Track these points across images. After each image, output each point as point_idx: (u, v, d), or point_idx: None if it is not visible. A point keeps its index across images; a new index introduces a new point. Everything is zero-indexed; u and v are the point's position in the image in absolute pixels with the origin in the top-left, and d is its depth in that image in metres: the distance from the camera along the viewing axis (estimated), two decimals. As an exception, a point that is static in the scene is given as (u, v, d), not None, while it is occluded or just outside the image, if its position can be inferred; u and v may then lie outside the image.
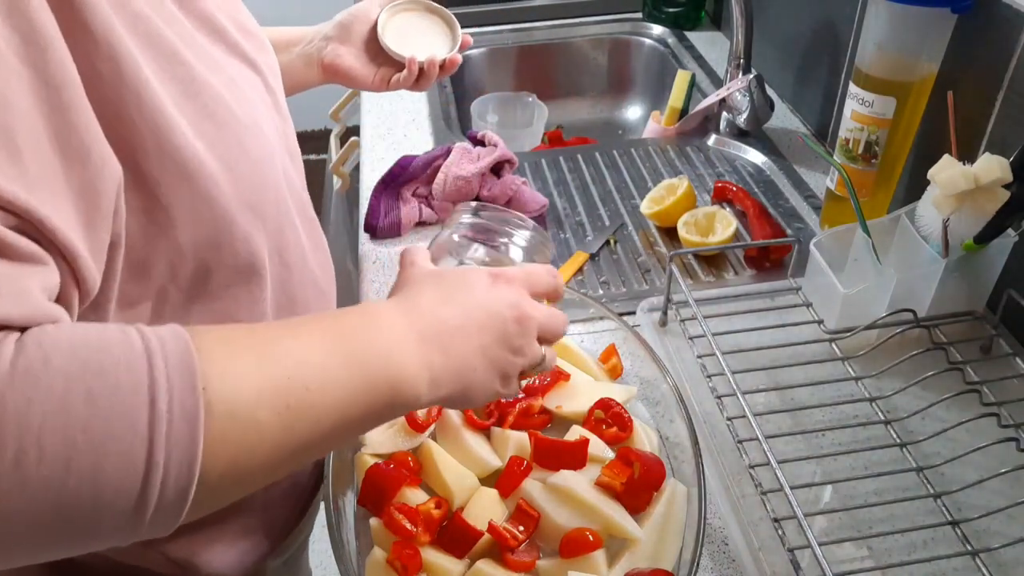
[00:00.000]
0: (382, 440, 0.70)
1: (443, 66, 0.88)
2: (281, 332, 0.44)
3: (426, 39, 0.89)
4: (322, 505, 0.82)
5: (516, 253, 0.63)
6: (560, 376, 0.73)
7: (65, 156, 0.40)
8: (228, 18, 0.58)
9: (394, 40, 0.86)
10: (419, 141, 1.22)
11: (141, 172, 0.45)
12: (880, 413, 0.73)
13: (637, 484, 0.65)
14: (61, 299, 0.40)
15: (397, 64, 0.87)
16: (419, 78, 0.87)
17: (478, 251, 0.62)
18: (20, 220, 0.37)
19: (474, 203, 0.65)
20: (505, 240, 0.62)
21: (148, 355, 0.37)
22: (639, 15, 1.54)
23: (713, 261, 0.98)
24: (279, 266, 0.61)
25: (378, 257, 0.98)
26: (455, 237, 0.63)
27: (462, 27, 1.33)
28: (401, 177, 1.05)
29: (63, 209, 0.39)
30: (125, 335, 0.37)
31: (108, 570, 0.61)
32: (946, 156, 0.73)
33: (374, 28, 0.86)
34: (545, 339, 0.54)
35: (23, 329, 0.36)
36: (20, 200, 0.36)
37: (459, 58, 0.89)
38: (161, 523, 0.37)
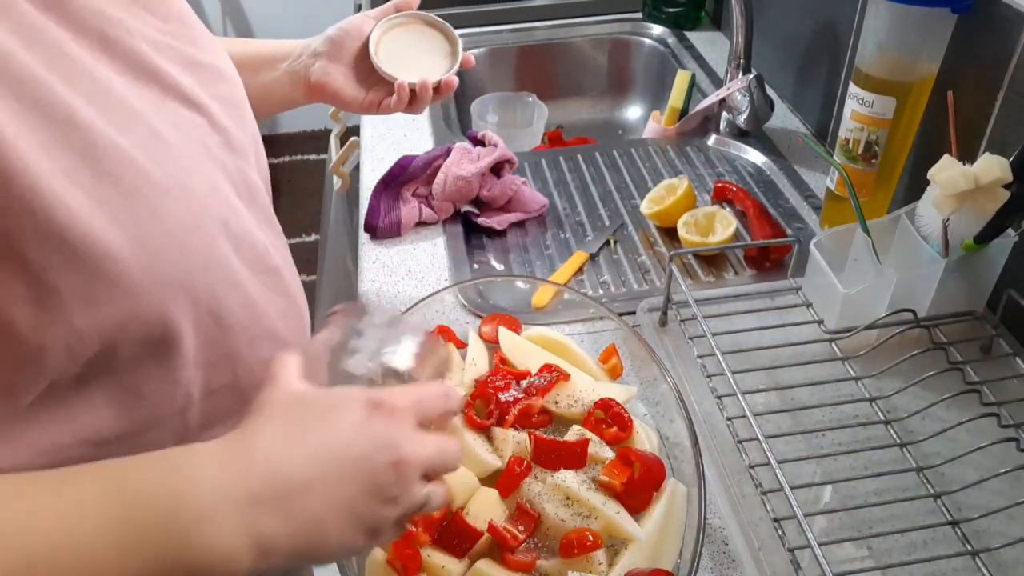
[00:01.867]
0: (382, 440, 0.70)
1: (438, 88, 0.80)
2: (51, 497, 0.37)
3: (423, 57, 0.81)
4: None
5: (406, 363, 0.53)
6: (560, 376, 0.73)
7: None
8: (169, 54, 0.54)
9: (387, 59, 0.79)
10: (419, 141, 1.22)
11: (22, 258, 0.41)
12: (880, 413, 0.73)
13: (637, 484, 0.65)
14: None
15: (390, 85, 0.79)
16: (411, 101, 0.79)
17: (364, 359, 0.52)
18: None
19: (362, 303, 0.57)
20: (392, 348, 0.53)
21: None
22: (639, 15, 1.54)
23: (713, 261, 0.98)
24: (213, 330, 0.54)
25: (378, 257, 0.98)
26: (340, 341, 0.54)
27: (463, 27, 1.32)
28: (401, 177, 1.05)
29: None
30: None
31: None
32: (946, 156, 0.73)
33: (366, 44, 0.78)
34: (432, 476, 0.48)
35: None
36: None
37: (455, 80, 0.81)
38: None
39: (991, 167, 0.70)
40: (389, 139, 1.23)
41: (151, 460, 0.42)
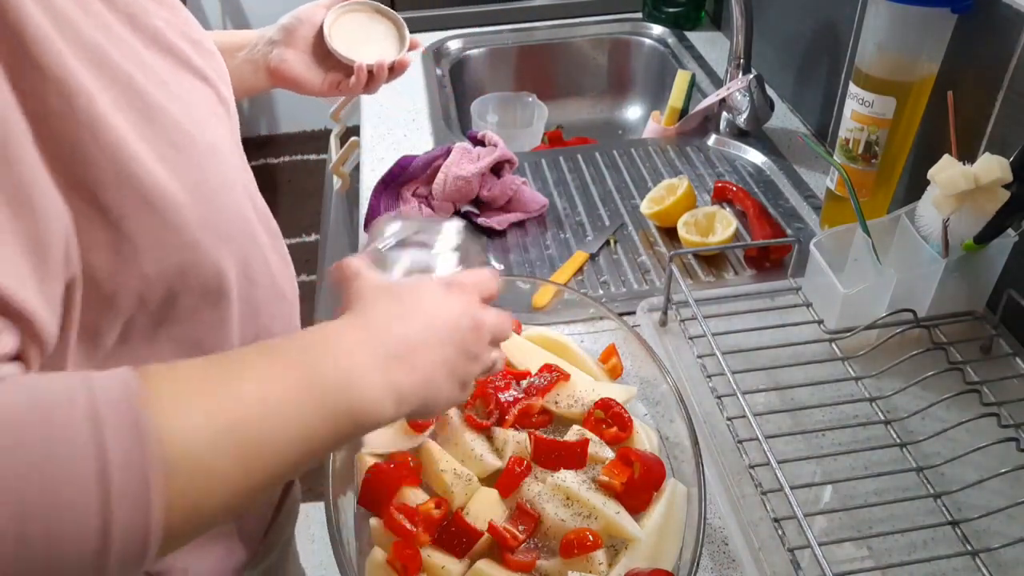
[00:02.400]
0: (382, 440, 0.70)
1: (392, 68, 0.86)
2: (236, 369, 0.43)
3: (374, 41, 0.87)
4: (302, 509, 0.82)
5: (449, 258, 0.61)
6: (560, 376, 0.73)
7: (12, 212, 0.39)
8: (176, 31, 0.57)
9: (341, 43, 0.84)
10: (419, 141, 1.22)
11: (102, 206, 0.44)
12: (880, 413, 0.73)
13: (637, 484, 0.65)
14: (21, 356, 0.40)
15: (345, 68, 0.85)
16: (368, 82, 0.85)
17: (412, 259, 0.60)
18: None
19: (394, 213, 0.64)
20: (436, 243, 0.61)
21: (94, 420, 0.35)
22: (639, 15, 1.54)
23: (713, 261, 0.98)
24: (245, 284, 0.59)
25: (378, 257, 0.98)
26: (384, 249, 0.61)
27: (463, 27, 1.33)
28: (401, 177, 1.05)
29: (14, 268, 0.39)
30: (69, 400, 0.35)
31: None
32: (946, 156, 0.73)
33: (320, 31, 0.83)
34: (495, 342, 0.55)
35: None
36: None
37: (408, 60, 0.87)
38: (125, 575, 0.36)
39: (991, 167, 0.70)
40: (389, 139, 1.23)
41: (298, 335, 0.48)
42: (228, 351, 0.46)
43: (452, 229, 0.62)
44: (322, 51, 0.84)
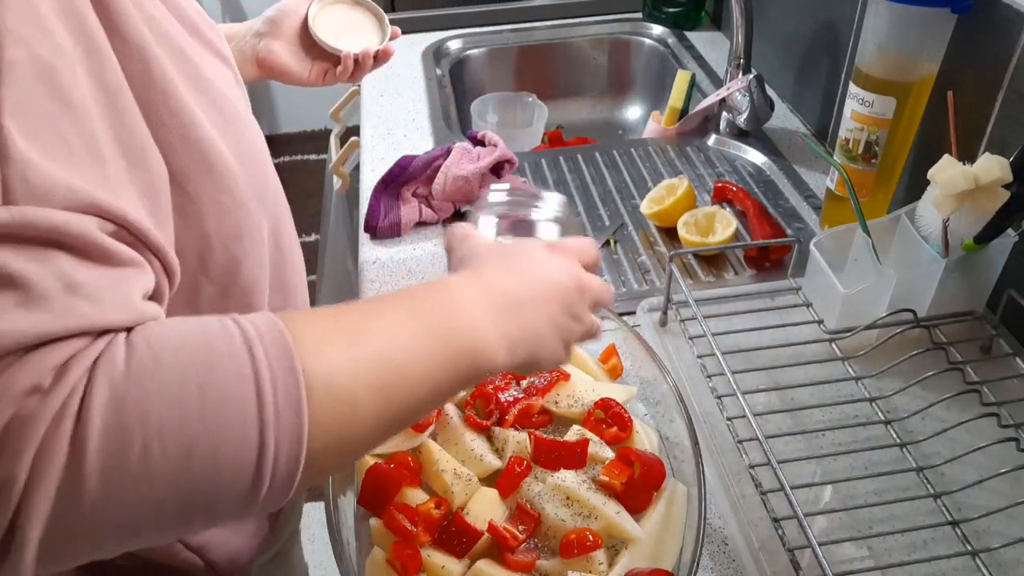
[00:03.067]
0: (382, 440, 0.70)
1: (377, 56, 0.90)
2: (366, 314, 0.46)
3: (357, 31, 0.91)
4: (320, 504, 0.82)
5: (550, 228, 0.64)
6: (560, 376, 0.73)
7: (129, 160, 0.42)
8: (198, 15, 0.59)
9: (326, 33, 0.87)
10: (419, 141, 1.22)
11: (172, 169, 0.47)
12: (880, 413, 0.73)
13: (637, 484, 0.65)
14: (156, 295, 0.43)
15: (331, 57, 0.88)
16: (355, 70, 0.89)
17: (515, 226, 0.64)
18: (116, 226, 0.39)
19: (501, 184, 0.67)
20: (538, 213, 0.64)
21: (248, 344, 0.38)
22: (639, 15, 1.54)
23: (713, 261, 0.98)
24: (275, 252, 0.63)
25: (378, 257, 0.98)
26: (489, 216, 0.64)
27: (463, 27, 1.33)
28: (401, 177, 1.05)
29: (140, 211, 0.42)
30: (224, 328, 0.39)
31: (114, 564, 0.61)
32: (946, 156, 0.73)
33: (305, 23, 0.86)
34: (595, 306, 0.57)
35: (129, 330, 0.38)
36: (115, 207, 0.39)
37: (392, 48, 0.91)
38: (274, 498, 0.39)
39: (991, 167, 0.70)
40: (389, 139, 1.23)
41: (425, 288, 0.50)
42: (356, 301, 0.49)
43: (554, 201, 0.64)
44: (308, 42, 0.87)
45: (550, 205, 0.65)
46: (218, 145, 0.50)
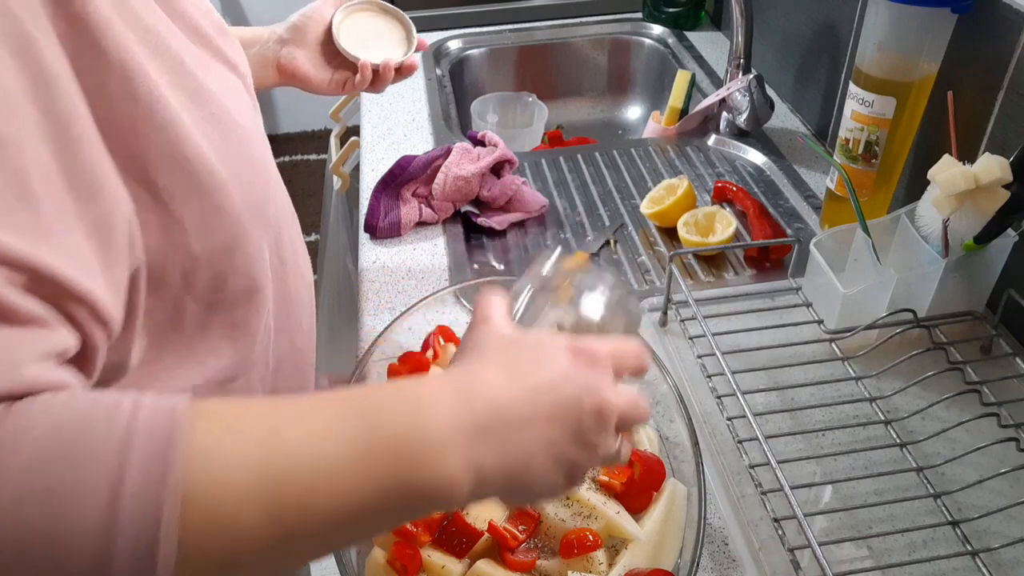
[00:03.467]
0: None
1: (399, 69, 0.87)
2: (296, 415, 0.39)
3: (382, 41, 0.88)
4: None
5: (598, 313, 0.52)
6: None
7: (78, 195, 0.39)
8: (208, 22, 0.58)
9: (349, 42, 0.84)
10: (419, 141, 1.22)
11: (155, 187, 0.45)
12: (880, 413, 0.73)
13: (637, 484, 0.65)
14: (84, 352, 0.40)
15: (352, 67, 0.86)
16: (374, 81, 0.86)
17: (560, 309, 0.52)
18: (29, 278, 0.36)
19: (556, 254, 0.54)
20: (587, 298, 0.52)
21: (124, 448, 0.34)
22: (639, 15, 1.54)
23: (713, 261, 0.98)
24: (278, 266, 0.61)
25: (378, 257, 0.98)
26: (538, 291, 0.53)
27: (463, 27, 1.33)
28: (401, 177, 1.05)
29: (79, 251, 0.39)
30: (109, 422, 0.35)
31: None
32: (946, 156, 0.73)
33: (329, 30, 0.84)
34: (622, 428, 0.46)
35: (16, 399, 0.35)
36: (30, 257, 0.36)
37: (416, 62, 0.88)
38: None
39: (991, 167, 0.70)
40: (389, 139, 1.23)
41: (388, 387, 0.44)
42: (300, 397, 0.42)
43: (607, 293, 0.53)
44: (330, 50, 0.85)
45: (597, 296, 0.53)
46: (208, 160, 0.48)
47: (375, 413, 0.40)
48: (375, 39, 0.87)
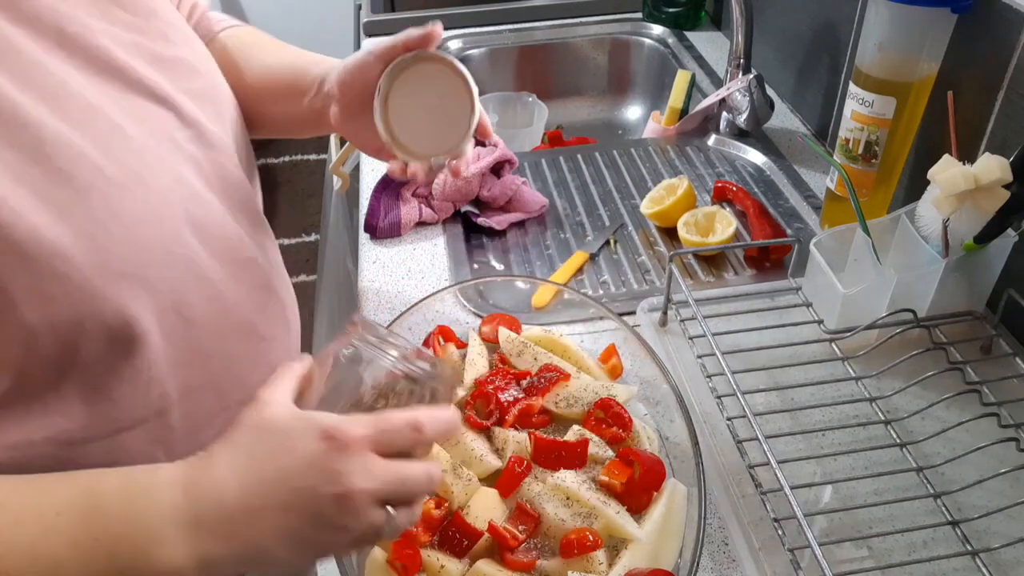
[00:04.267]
0: (382, 440, 0.70)
1: (453, 168, 0.68)
2: (25, 510, 0.42)
3: (435, 116, 0.66)
4: None
5: (403, 373, 0.52)
6: (560, 376, 0.73)
7: None
8: (135, 50, 0.54)
9: (397, 119, 0.65)
10: (419, 141, 1.22)
11: None
12: (880, 413, 0.73)
13: (637, 484, 0.65)
14: None
15: None
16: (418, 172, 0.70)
17: (362, 371, 0.51)
18: None
19: (366, 321, 0.53)
20: (393, 363, 0.51)
21: None
22: (639, 15, 1.54)
23: (713, 261, 0.98)
24: (178, 325, 0.54)
25: (378, 257, 0.98)
26: (344, 353, 0.52)
27: (463, 27, 1.31)
28: (401, 177, 1.05)
29: None
30: None
31: None
32: (946, 156, 0.73)
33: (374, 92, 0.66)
34: (397, 502, 0.47)
35: None
36: None
37: (462, 167, 0.67)
38: None
39: (991, 167, 0.70)
40: (389, 139, 1.23)
41: (122, 477, 0.46)
42: (49, 478, 0.45)
43: (410, 358, 0.52)
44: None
45: (397, 359, 0.52)
46: (37, 229, 0.43)
47: (103, 510, 0.43)
48: (428, 111, 0.66)
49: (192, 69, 0.60)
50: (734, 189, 1.07)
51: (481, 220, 1.04)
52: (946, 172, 0.72)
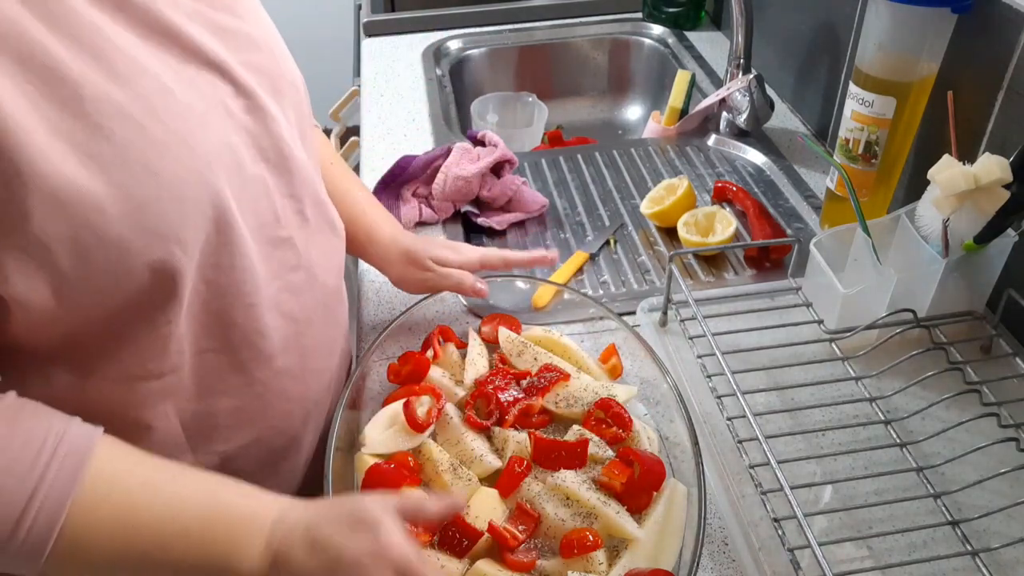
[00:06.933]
0: (382, 440, 0.70)
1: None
2: (162, 504, 0.52)
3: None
4: None
5: None
6: (560, 376, 0.73)
7: None
8: (198, 19, 0.55)
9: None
10: (419, 141, 1.22)
11: (8, 213, 0.44)
12: (880, 413, 0.73)
13: (637, 484, 0.65)
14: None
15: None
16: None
17: None
18: None
19: None
20: None
21: (53, 455, 0.48)
22: (639, 15, 1.54)
23: (713, 261, 0.98)
24: (204, 289, 0.56)
25: (378, 257, 0.98)
26: None
27: (463, 27, 1.31)
28: (401, 177, 1.05)
29: None
30: (36, 450, 0.48)
31: None
32: (946, 156, 0.73)
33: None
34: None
35: None
36: None
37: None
38: (20, 561, 0.48)
39: (991, 167, 0.70)
40: (389, 139, 1.23)
41: (242, 493, 0.55)
42: (178, 478, 0.54)
43: None
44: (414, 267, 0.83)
45: None
46: (75, 179, 0.45)
47: (216, 521, 0.53)
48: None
49: (253, 42, 0.60)
50: (734, 189, 1.07)
51: (481, 220, 1.04)
52: (946, 172, 0.72)
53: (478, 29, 1.51)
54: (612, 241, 1.03)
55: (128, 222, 0.48)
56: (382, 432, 0.71)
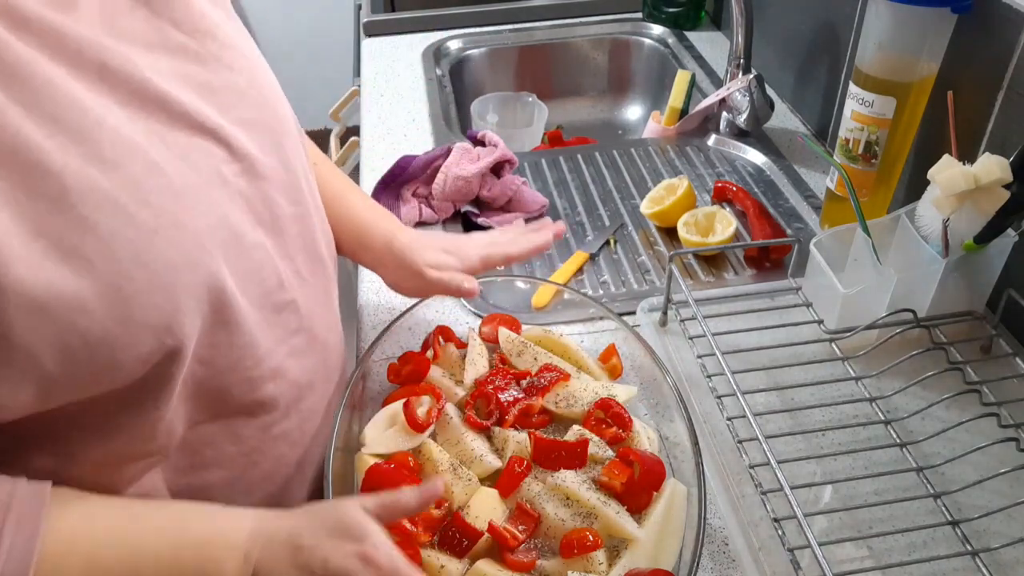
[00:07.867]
0: (382, 440, 0.70)
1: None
2: (131, 546, 0.51)
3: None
4: None
5: None
6: (560, 376, 0.73)
7: None
8: (181, 80, 0.51)
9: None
10: (419, 141, 1.22)
11: None
12: (880, 413, 0.73)
13: (637, 484, 0.65)
14: None
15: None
16: None
17: None
18: None
19: None
20: None
21: (6, 511, 0.46)
22: (639, 15, 1.54)
23: (713, 261, 0.98)
24: (200, 370, 0.54)
25: (378, 257, 0.98)
26: None
27: (463, 27, 1.31)
28: (401, 177, 1.05)
29: None
30: None
31: None
32: (946, 156, 0.73)
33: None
34: None
35: None
36: None
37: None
38: None
39: (991, 167, 0.70)
40: (389, 139, 1.23)
41: (209, 514, 0.55)
42: (142, 515, 0.53)
43: None
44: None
45: None
46: (53, 282, 0.42)
47: (189, 540, 0.53)
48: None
49: (246, 96, 0.56)
50: (734, 189, 1.07)
51: (481, 220, 1.04)
52: (946, 172, 0.72)
53: (478, 29, 1.51)
54: (612, 241, 1.03)
55: (115, 317, 0.45)
56: (382, 432, 0.71)
